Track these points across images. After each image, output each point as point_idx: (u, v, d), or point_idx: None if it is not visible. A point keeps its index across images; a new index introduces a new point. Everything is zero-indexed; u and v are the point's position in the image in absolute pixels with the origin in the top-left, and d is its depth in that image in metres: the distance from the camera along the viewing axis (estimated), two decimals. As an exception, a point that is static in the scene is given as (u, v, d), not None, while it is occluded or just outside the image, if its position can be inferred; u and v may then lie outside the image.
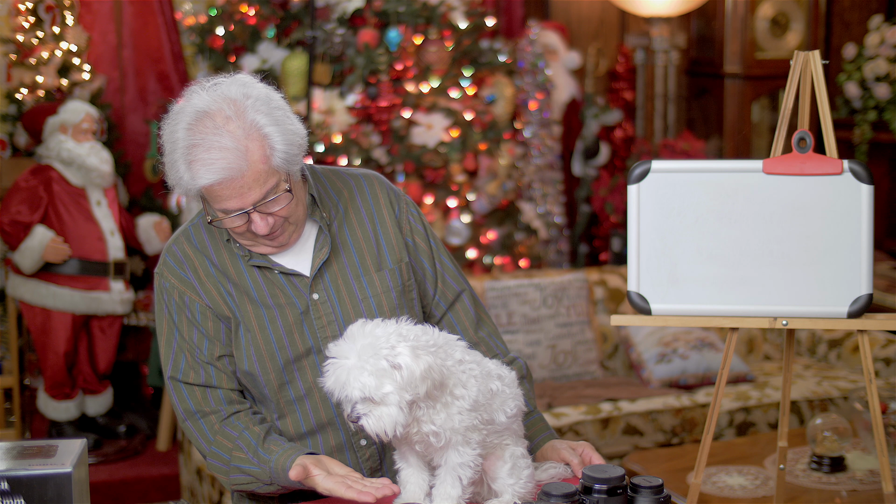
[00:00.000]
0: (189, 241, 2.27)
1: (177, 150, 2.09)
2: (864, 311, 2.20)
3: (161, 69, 5.52)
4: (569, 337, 4.81)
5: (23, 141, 5.10)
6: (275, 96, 2.14)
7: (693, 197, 2.24)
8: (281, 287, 2.23)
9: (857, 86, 6.15)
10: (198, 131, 2.07)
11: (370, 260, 2.28)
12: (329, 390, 1.92)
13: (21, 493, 1.78)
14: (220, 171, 2.05)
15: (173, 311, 2.24)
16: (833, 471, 3.60)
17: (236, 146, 2.05)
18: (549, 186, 5.78)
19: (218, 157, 2.04)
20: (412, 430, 1.94)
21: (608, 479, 1.90)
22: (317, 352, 2.22)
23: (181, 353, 2.24)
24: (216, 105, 2.08)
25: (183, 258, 2.26)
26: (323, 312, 2.22)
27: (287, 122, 2.12)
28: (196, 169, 2.06)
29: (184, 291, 2.24)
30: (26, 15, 5.07)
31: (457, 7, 5.27)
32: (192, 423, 2.23)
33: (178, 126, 2.10)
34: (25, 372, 5.03)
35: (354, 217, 2.31)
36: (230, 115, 2.07)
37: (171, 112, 2.15)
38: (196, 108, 2.09)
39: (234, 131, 2.06)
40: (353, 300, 2.24)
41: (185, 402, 2.24)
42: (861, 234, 2.19)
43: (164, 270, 2.27)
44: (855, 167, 2.19)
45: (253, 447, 2.16)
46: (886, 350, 4.74)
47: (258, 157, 2.07)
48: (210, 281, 2.24)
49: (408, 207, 2.37)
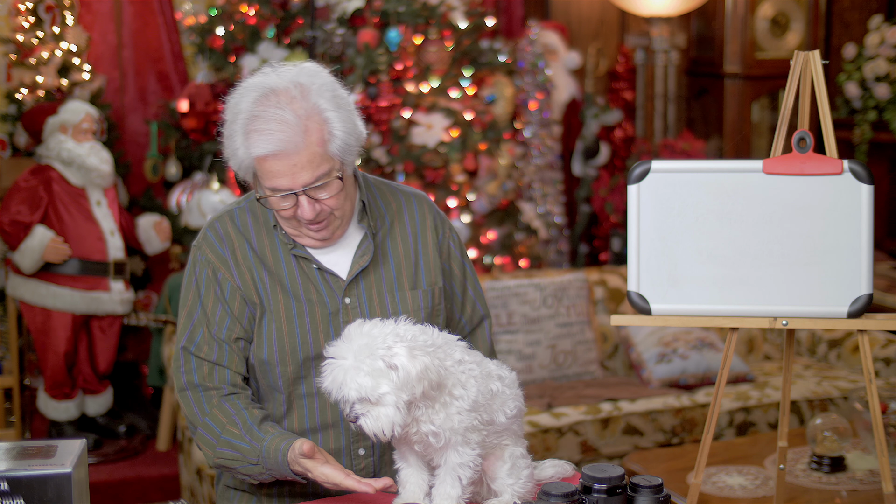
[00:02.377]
0: (233, 221, 2.30)
1: (237, 121, 2.14)
2: (864, 311, 2.20)
3: (161, 69, 5.52)
4: (569, 337, 4.81)
5: (23, 141, 5.10)
6: (341, 88, 2.21)
7: (693, 197, 2.24)
8: (315, 283, 2.25)
9: (857, 86, 6.15)
10: (262, 104, 2.12)
11: (406, 277, 2.31)
12: (326, 390, 1.92)
13: (21, 493, 1.78)
14: (277, 143, 2.09)
15: (202, 284, 2.27)
16: (833, 471, 3.60)
17: (297, 122, 2.10)
18: (549, 186, 5.77)
19: (277, 129, 2.09)
20: (411, 430, 1.94)
21: (608, 479, 1.90)
22: None
23: (200, 327, 2.26)
24: (284, 84, 2.14)
25: (224, 236, 2.29)
26: (352, 318, 2.22)
27: (350, 114, 2.18)
28: (254, 139, 2.11)
29: (218, 268, 2.26)
30: (26, 15, 5.06)
31: (457, 7, 5.27)
32: (192, 394, 2.25)
33: (243, 98, 2.16)
34: (25, 372, 5.03)
35: (399, 232, 2.34)
36: (295, 96, 2.13)
37: (238, 86, 2.21)
38: (264, 84, 2.15)
39: (296, 109, 2.11)
40: (383, 312, 2.26)
41: (190, 373, 2.25)
42: (861, 234, 2.19)
43: (203, 244, 2.30)
44: (855, 167, 2.19)
45: (248, 425, 2.18)
46: (886, 350, 4.74)
47: (316, 139, 2.12)
48: (246, 264, 2.26)
49: (451, 233, 2.41)
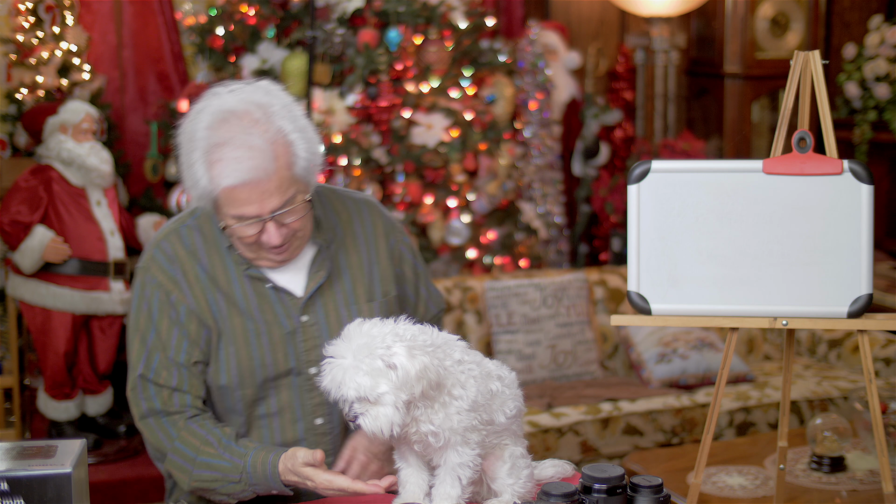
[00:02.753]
0: (181, 240, 2.21)
1: (196, 149, 2.04)
2: (864, 311, 2.20)
3: (161, 69, 5.51)
4: (569, 337, 4.81)
5: (23, 141, 5.10)
6: (297, 107, 2.13)
7: (693, 197, 2.24)
8: (270, 303, 2.19)
9: (857, 86, 6.15)
10: (225, 130, 2.02)
11: (362, 289, 2.26)
12: (325, 389, 1.92)
13: (21, 493, 1.78)
14: (247, 171, 2.00)
15: (154, 308, 2.18)
16: (833, 471, 3.60)
17: (266, 146, 2.01)
18: (549, 186, 5.77)
19: (245, 156, 2.00)
20: (411, 429, 1.94)
21: (608, 479, 1.90)
22: (296, 373, 2.19)
23: (156, 352, 2.17)
24: (243, 106, 2.04)
25: (173, 256, 2.19)
26: (310, 335, 2.19)
27: (309, 133, 2.10)
28: (219, 169, 2.01)
29: (170, 290, 2.17)
30: (26, 15, 5.06)
31: (457, 7, 5.27)
32: (154, 420, 2.18)
33: (199, 125, 2.05)
34: (25, 372, 5.03)
35: (351, 243, 2.28)
36: (258, 118, 2.03)
37: (191, 111, 2.10)
38: (221, 107, 2.05)
39: (263, 133, 2.02)
40: (341, 327, 2.15)
41: (150, 400, 2.18)
42: (861, 234, 2.19)
43: (152, 266, 2.20)
44: (855, 167, 2.19)
45: (224, 443, 2.13)
46: (886, 350, 4.74)
47: (284, 163, 2.04)
48: (198, 285, 2.18)
49: (401, 237, 2.37)
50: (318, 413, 2.21)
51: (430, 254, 5.19)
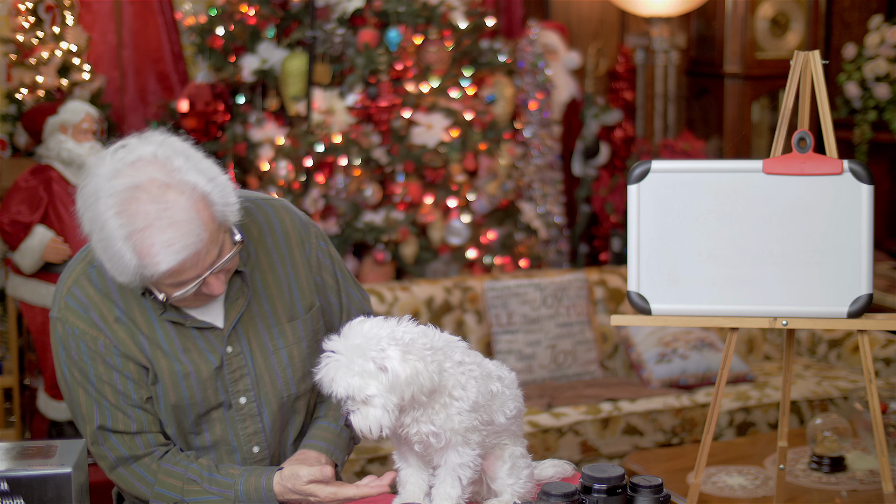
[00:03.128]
0: (92, 283, 2.04)
1: (115, 241, 1.84)
2: (864, 311, 2.20)
3: (161, 69, 5.52)
4: (569, 337, 4.81)
5: (23, 141, 5.10)
6: (189, 147, 1.94)
7: (693, 197, 2.24)
8: (194, 341, 2.07)
9: (857, 86, 6.15)
10: (139, 213, 1.83)
11: (282, 309, 2.14)
12: (319, 383, 1.91)
13: (21, 493, 1.78)
14: (183, 250, 1.85)
15: (84, 358, 2.03)
16: (833, 471, 3.60)
17: (189, 215, 1.85)
18: (549, 186, 5.77)
19: (177, 236, 1.84)
20: (412, 430, 1.94)
21: (608, 479, 1.90)
22: (227, 406, 2.11)
23: (103, 401, 2.04)
24: (141, 175, 1.85)
25: (87, 302, 2.03)
26: (236, 366, 2.10)
27: (212, 171, 1.93)
28: (153, 255, 1.84)
29: (96, 336, 2.03)
30: (26, 15, 5.06)
31: (457, 7, 5.27)
32: (126, 469, 2.09)
33: (106, 213, 1.84)
34: (25, 372, 5.03)
35: (265, 260, 2.14)
36: (164, 182, 1.85)
37: (84, 196, 1.88)
38: (120, 185, 1.84)
39: (178, 200, 1.85)
40: (264, 353, 2.12)
41: (115, 449, 2.07)
42: (861, 234, 2.19)
43: (68, 315, 2.03)
44: (855, 167, 2.19)
45: (207, 477, 2.06)
46: (886, 350, 4.74)
47: (208, 218, 1.88)
48: (121, 327, 2.04)
49: (317, 242, 2.21)
50: (254, 441, 2.14)
51: (430, 254, 5.19)
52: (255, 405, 2.12)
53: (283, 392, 2.14)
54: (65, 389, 2.08)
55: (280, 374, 2.14)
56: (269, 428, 2.14)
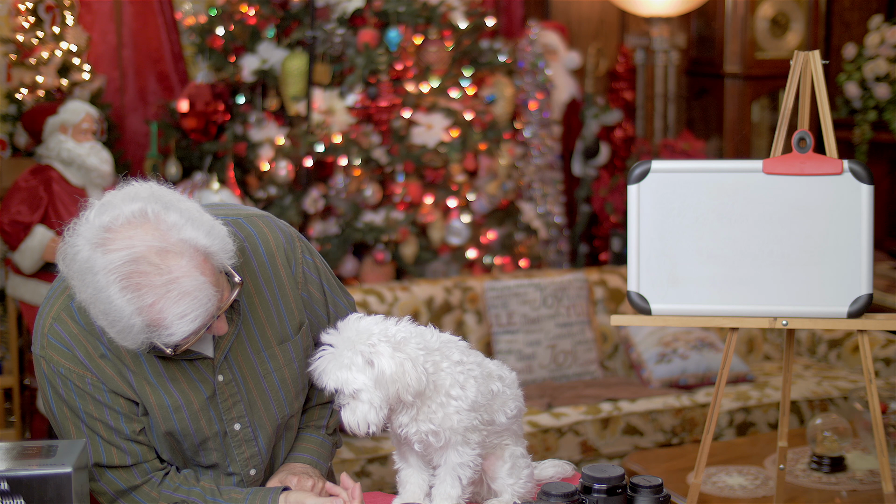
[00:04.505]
0: (74, 319, 1.97)
1: (123, 315, 1.78)
2: (864, 311, 2.20)
3: (161, 69, 5.52)
4: (569, 337, 4.81)
5: (23, 141, 5.10)
6: (179, 197, 1.86)
7: (693, 197, 2.24)
8: (183, 372, 2.02)
9: (857, 86, 6.15)
10: (142, 286, 1.77)
11: (271, 333, 2.09)
12: (312, 372, 1.93)
13: (21, 493, 1.78)
14: (198, 318, 1.81)
15: (73, 396, 1.98)
16: (833, 471, 3.60)
17: (196, 282, 1.79)
18: (549, 186, 5.78)
19: (190, 307, 1.79)
20: (410, 430, 1.94)
21: (608, 479, 1.90)
22: (223, 435, 2.07)
23: (95, 437, 2.00)
24: (136, 243, 1.77)
25: (71, 340, 1.97)
26: (229, 394, 2.06)
27: (204, 219, 1.85)
28: (167, 326, 1.79)
29: (83, 374, 1.97)
30: (26, 15, 5.07)
31: (457, 7, 5.27)
32: (126, 500, 2.04)
33: (107, 289, 1.77)
34: (25, 372, 5.03)
35: (252, 285, 2.07)
36: (161, 247, 1.78)
37: (75, 266, 1.80)
38: (117, 260, 1.76)
39: (180, 265, 1.78)
40: (255, 378, 2.08)
41: (112, 483, 2.03)
42: (861, 234, 2.19)
43: (53, 355, 1.97)
44: (855, 167, 2.19)
45: (210, 501, 2.04)
46: (886, 350, 4.74)
47: (210, 273, 1.82)
48: (107, 364, 1.98)
49: (303, 256, 2.14)
50: (251, 465, 2.12)
51: (430, 254, 5.19)
52: (249, 430, 2.10)
53: (277, 415, 2.13)
54: (54, 424, 2.04)
55: (273, 397, 2.12)
56: (264, 451, 2.13)
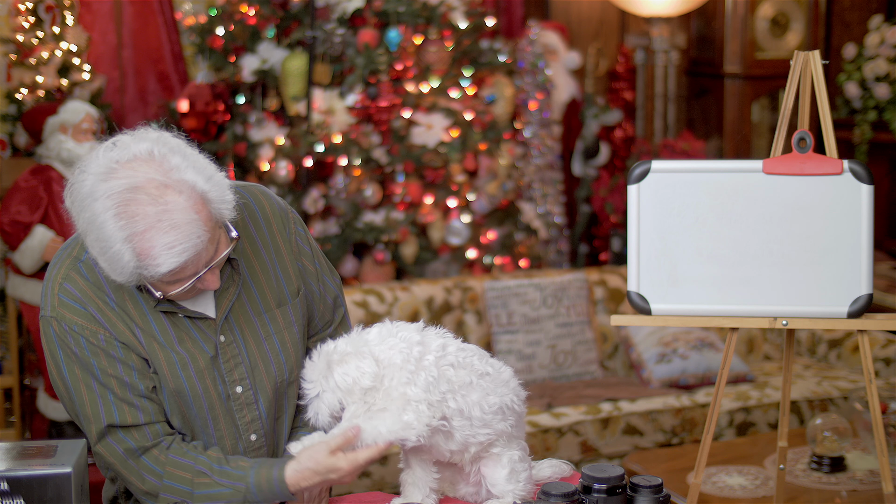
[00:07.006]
0: (83, 276, 2.02)
1: (114, 242, 1.84)
2: (864, 311, 2.20)
3: (161, 69, 5.52)
4: (569, 337, 4.81)
5: (23, 141, 5.10)
6: (184, 143, 1.93)
7: (693, 197, 2.24)
8: (188, 332, 2.06)
9: (857, 86, 6.15)
10: (138, 214, 1.82)
11: (271, 295, 2.14)
12: None
13: (21, 493, 1.78)
14: (185, 252, 1.85)
15: (86, 353, 1.99)
16: (833, 471, 3.60)
17: (189, 216, 1.84)
18: (549, 186, 5.77)
19: (178, 239, 1.83)
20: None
21: (607, 479, 1.90)
22: (226, 397, 2.10)
23: (108, 395, 2.01)
24: (138, 175, 1.84)
25: (81, 296, 2.00)
26: (230, 355, 2.09)
27: (209, 169, 1.92)
28: (154, 256, 1.84)
29: (96, 330, 2.00)
30: (26, 15, 5.07)
31: (457, 7, 5.27)
32: (135, 462, 2.04)
33: (102, 214, 1.84)
34: (25, 372, 5.03)
35: (250, 249, 2.13)
36: (162, 182, 1.84)
37: (77, 196, 1.89)
38: (118, 186, 1.83)
39: (177, 200, 1.84)
40: (256, 340, 2.12)
41: (123, 442, 2.03)
42: (861, 234, 2.19)
43: (65, 313, 2.00)
44: (855, 167, 2.19)
45: (217, 469, 2.04)
46: (886, 350, 4.74)
47: (206, 218, 1.87)
48: (117, 318, 2.01)
49: (296, 227, 2.21)
50: (252, 430, 2.14)
51: (430, 254, 5.19)
52: (251, 393, 2.12)
53: (276, 378, 2.15)
54: (64, 391, 2.04)
55: (273, 359, 2.14)
56: (265, 415, 2.15)
